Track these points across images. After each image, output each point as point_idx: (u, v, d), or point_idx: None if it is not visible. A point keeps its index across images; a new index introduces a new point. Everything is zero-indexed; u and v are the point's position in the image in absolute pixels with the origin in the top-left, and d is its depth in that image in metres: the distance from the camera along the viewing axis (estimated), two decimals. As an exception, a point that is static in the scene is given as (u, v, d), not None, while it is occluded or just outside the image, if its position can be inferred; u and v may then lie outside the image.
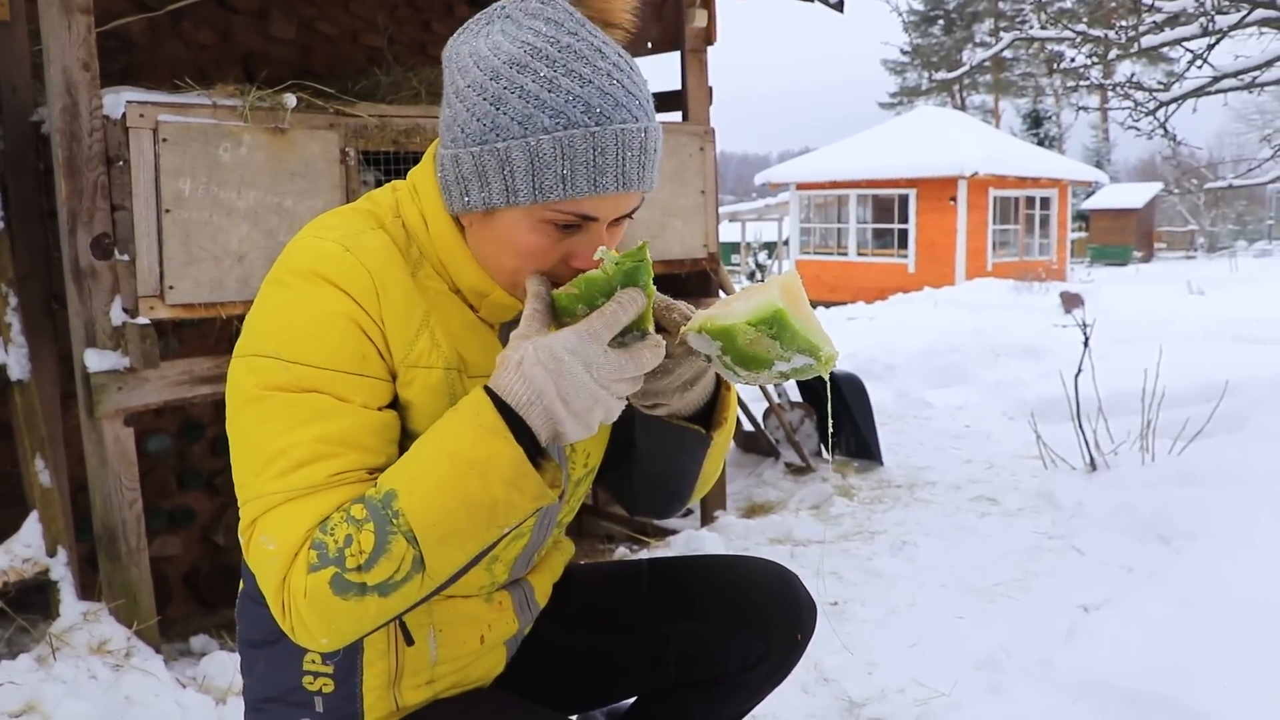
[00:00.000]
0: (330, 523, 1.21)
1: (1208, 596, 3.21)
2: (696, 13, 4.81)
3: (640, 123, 1.28)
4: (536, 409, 1.20)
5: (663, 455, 1.52)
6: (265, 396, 1.26)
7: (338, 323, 1.27)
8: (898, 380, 8.31)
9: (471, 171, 1.28)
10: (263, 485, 1.24)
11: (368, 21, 5.07)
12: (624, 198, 1.30)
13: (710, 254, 4.92)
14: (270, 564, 1.22)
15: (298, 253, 1.32)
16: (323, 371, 1.26)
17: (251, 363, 1.28)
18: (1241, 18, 5.11)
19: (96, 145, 3.07)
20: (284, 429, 1.25)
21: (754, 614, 1.64)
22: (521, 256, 1.31)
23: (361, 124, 3.56)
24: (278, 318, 1.29)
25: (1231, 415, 5.51)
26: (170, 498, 4.46)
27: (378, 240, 1.35)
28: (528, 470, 1.20)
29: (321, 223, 1.39)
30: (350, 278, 1.29)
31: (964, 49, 49.01)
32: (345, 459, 1.25)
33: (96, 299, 3.10)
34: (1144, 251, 33.92)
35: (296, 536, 1.21)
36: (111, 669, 2.91)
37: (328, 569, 1.18)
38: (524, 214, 1.28)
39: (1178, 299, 16.38)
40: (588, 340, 1.20)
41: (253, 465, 1.26)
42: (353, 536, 1.18)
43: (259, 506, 1.24)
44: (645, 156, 1.29)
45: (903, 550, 4.29)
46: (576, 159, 1.23)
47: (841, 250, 23.53)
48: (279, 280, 1.31)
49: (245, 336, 1.31)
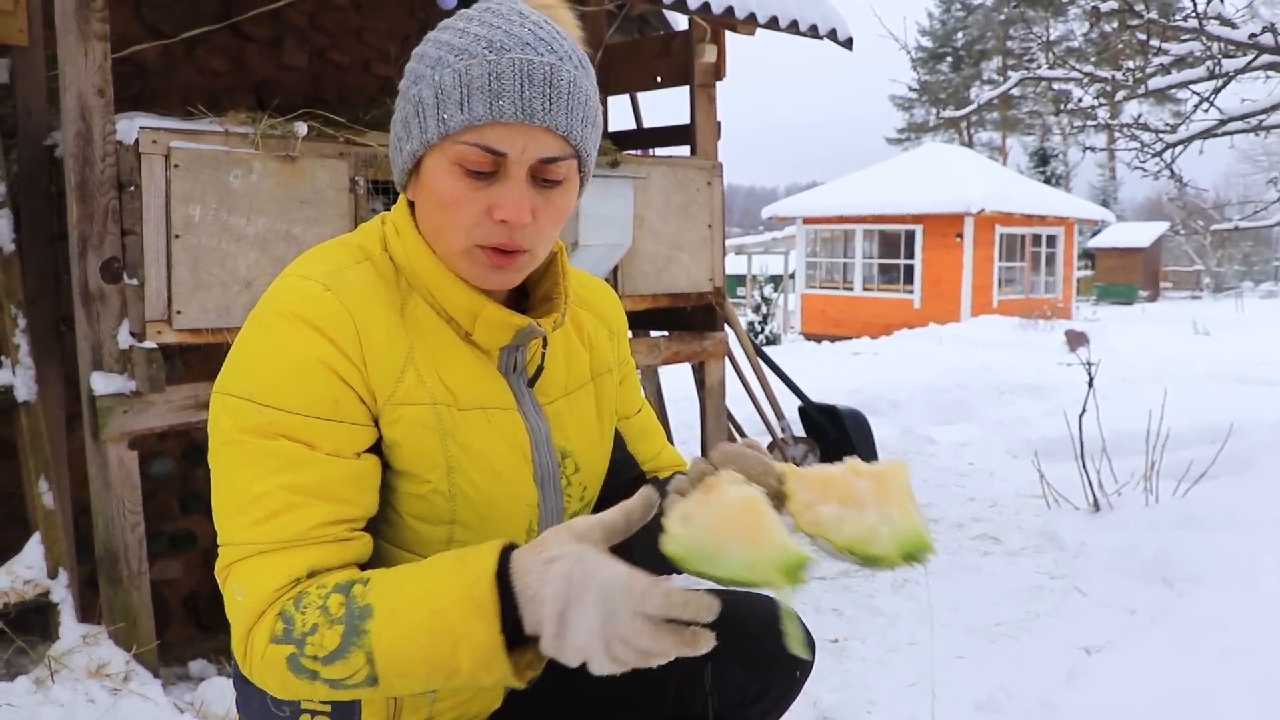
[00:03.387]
0: (306, 600, 1.20)
1: (1211, 640, 3.19)
2: (706, 48, 4.85)
3: (546, 58, 1.28)
4: (533, 610, 1.13)
5: None
6: (240, 440, 1.25)
7: (312, 368, 1.26)
8: (902, 416, 8.30)
9: (401, 127, 1.34)
10: (237, 532, 1.24)
11: (379, 51, 5.12)
12: (532, 134, 1.27)
13: (716, 288, 4.93)
14: (238, 615, 1.23)
15: (279, 293, 1.31)
16: (294, 417, 1.25)
17: (227, 402, 1.27)
18: (1248, 62, 5.14)
19: (109, 170, 3.09)
20: (257, 476, 1.24)
21: (752, 650, 1.62)
22: (444, 209, 1.30)
23: (371, 153, 3.58)
24: (254, 359, 1.28)
25: (1236, 457, 5.50)
26: (172, 521, 4.46)
27: (362, 275, 1.34)
28: (499, 657, 1.15)
29: (307, 259, 1.38)
30: (330, 320, 1.28)
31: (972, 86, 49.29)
32: (318, 510, 1.24)
33: (104, 322, 3.11)
34: (1150, 291, 33.94)
35: (264, 595, 1.21)
36: (110, 693, 2.90)
37: (288, 646, 1.18)
38: (440, 157, 1.29)
39: (1183, 339, 16.37)
40: (629, 597, 1.09)
41: (227, 509, 1.26)
42: (319, 628, 1.17)
43: (233, 554, 1.25)
44: (553, 90, 1.27)
45: (904, 588, 4.27)
46: (473, 85, 1.25)
47: (847, 285, 23.55)
48: (259, 320, 1.30)
49: (225, 372, 1.31)
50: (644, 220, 4.49)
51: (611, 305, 1.66)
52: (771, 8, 4.68)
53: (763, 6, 4.63)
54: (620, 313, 1.68)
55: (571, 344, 1.55)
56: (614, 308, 1.66)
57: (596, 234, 4.20)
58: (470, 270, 1.34)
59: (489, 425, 1.39)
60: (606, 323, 1.63)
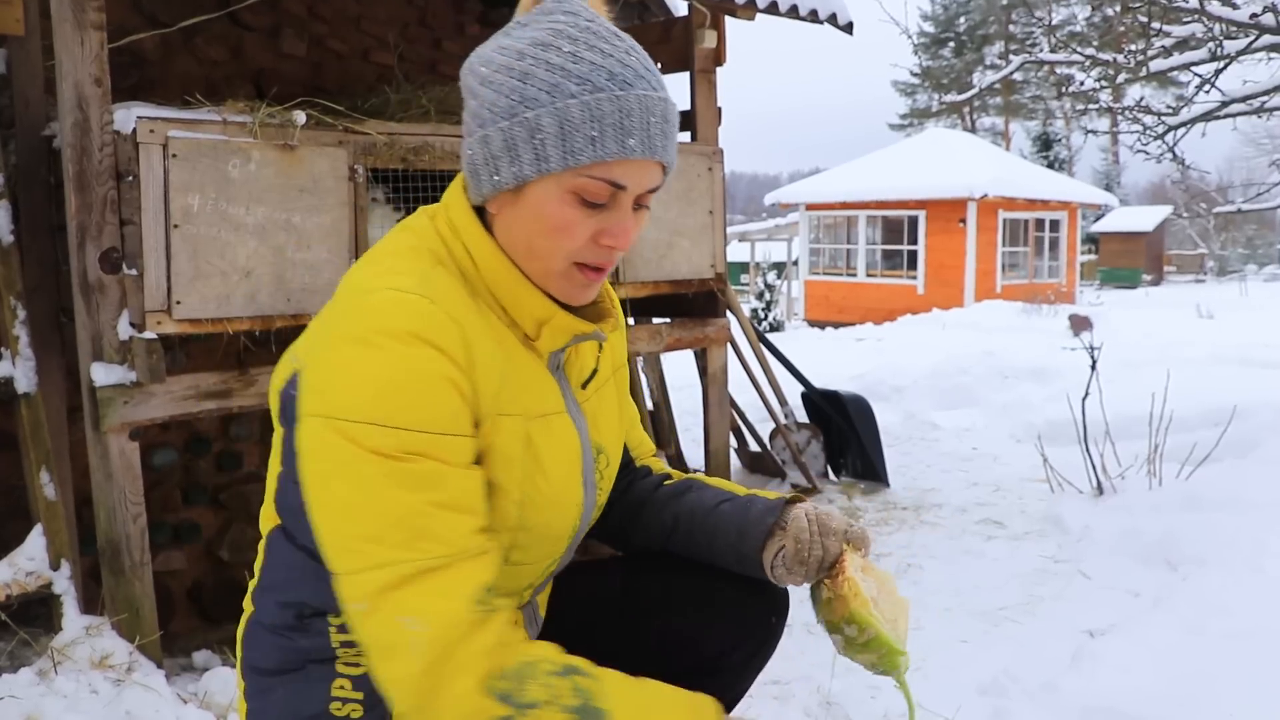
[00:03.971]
0: (534, 670, 1.22)
1: (1215, 623, 3.19)
2: (706, 34, 4.83)
3: (660, 93, 1.33)
4: None
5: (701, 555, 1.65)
6: (370, 461, 1.22)
7: (437, 384, 1.25)
8: (905, 402, 8.29)
9: (502, 147, 1.31)
10: (385, 554, 1.21)
11: (378, 39, 5.10)
12: (649, 168, 1.33)
13: (718, 274, 4.92)
14: (416, 646, 1.19)
15: (382, 309, 1.26)
16: (425, 435, 1.23)
17: (346, 428, 1.23)
18: (1249, 43, 5.11)
19: (107, 160, 3.08)
20: (398, 496, 1.22)
21: (726, 602, 1.66)
22: (552, 233, 1.32)
23: (370, 141, 3.57)
24: (372, 382, 1.24)
25: (1240, 440, 5.48)
26: (175, 512, 4.46)
27: (448, 283, 1.33)
28: None
29: (387, 268, 1.33)
30: (443, 334, 1.26)
31: (974, 71, 49.16)
32: (462, 523, 1.25)
33: (104, 313, 3.11)
34: (1154, 275, 33.89)
35: (454, 619, 1.20)
36: (113, 684, 2.90)
37: (504, 708, 1.19)
38: (554, 185, 1.30)
39: (1187, 323, 16.33)
40: None
41: (364, 533, 1.22)
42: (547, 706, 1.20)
43: (384, 576, 1.20)
44: (667, 126, 1.34)
45: (907, 573, 4.27)
46: (604, 120, 1.27)
47: (850, 271, 23.52)
48: (366, 340, 1.24)
49: (326, 397, 1.25)
50: (644, 207, 4.47)
51: (615, 300, 1.70)
52: (771, -8, 4.66)
53: (762, -9, 4.61)
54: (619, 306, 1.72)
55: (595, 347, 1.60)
56: (617, 302, 1.70)
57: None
58: (563, 287, 1.37)
59: (550, 431, 1.42)
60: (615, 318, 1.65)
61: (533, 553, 1.44)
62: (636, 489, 1.74)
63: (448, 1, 5.46)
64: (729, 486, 1.71)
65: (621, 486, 1.74)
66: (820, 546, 1.52)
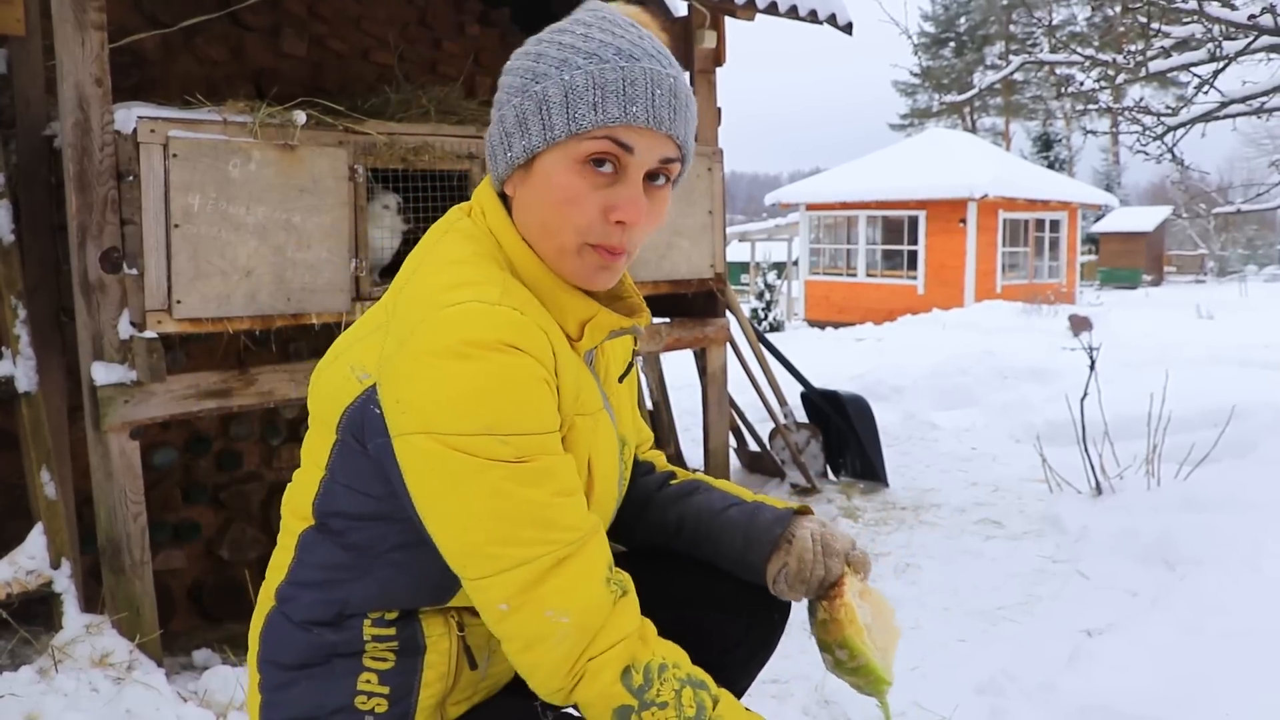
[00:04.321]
0: (664, 673, 1.31)
1: (1212, 623, 3.20)
2: (706, 34, 4.84)
3: (670, 70, 1.35)
4: None
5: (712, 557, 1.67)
6: (489, 468, 1.24)
7: (535, 388, 1.28)
8: (905, 402, 8.30)
9: (515, 123, 1.35)
10: (522, 552, 1.26)
11: (378, 39, 5.11)
12: (657, 139, 1.34)
13: (717, 274, 4.93)
14: (565, 637, 1.27)
15: (470, 321, 1.26)
16: (535, 437, 1.27)
17: (455, 442, 1.24)
18: (1248, 44, 5.12)
19: (107, 160, 3.09)
20: (524, 495, 1.26)
21: (729, 598, 1.67)
22: (561, 205, 1.34)
23: (370, 141, 3.58)
24: (474, 394, 1.24)
25: (1238, 440, 5.49)
26: (175, 511, 4.47)
27: (525, 291, 1.36)
28: None
29: (461, 279, 1.33)
30: (534, 342, 1.28)
31: (975, 71, 49.15)
32: (579, 504, 1.31)
33: (105, 312, 3.12)
34: (1154, 275, 33.88)
35: (596, 606, 1.29)
36: (113, 682, 2.91)
37: (630, 698, 1.28)
38: (560, 154, 1.33)
39: (1186, 323, 16.35)
40: None
41: (499, 535, 1.25)
42: (669, 708, 1.29)
43: (526, 574, 1.26)
44: (676, 101, 1.35)
45: (906, 572, 4.28)
46: (608, 88, 1.30)
47: (851, 271, 23.52)
48: (459, 353, 1.24)
49: (427, 415, 1.25)
50: (644, 207, 4.48)
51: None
52: (771, -7, 4.67)
53: (762, -9, 4.62)
54: None
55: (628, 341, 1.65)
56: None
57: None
58: (578, 269, 1.38)
59: (596, 429, 1.45)
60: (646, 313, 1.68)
61: None
62: (640, 485, 1.75)
63: (448, 1, 5.47)
64: (734, 489, 1.72)
65: None
66: (822, 566, 1.55)
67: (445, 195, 3.83)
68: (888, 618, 1.55)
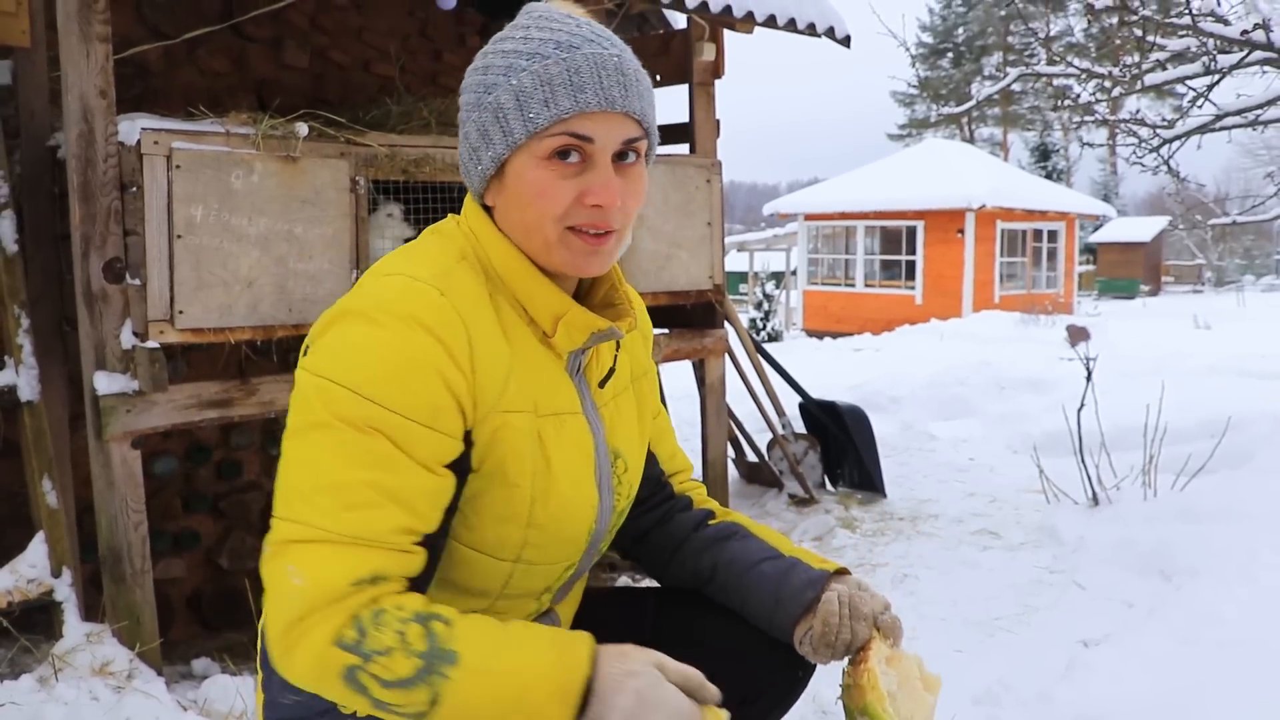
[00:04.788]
0: (384, 619, 1.21)
1: (1208, 633, 3.21)
2: (705, 46, 4.87)
3: (612, 51, 1.37)
4: (603, 710, 1.21)
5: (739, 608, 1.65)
6: (333, 425, 1.26)
7: (423, 371, 1.28)
8: (903, 412, 8.31)
9: (478, 137, 1.39)
10: (308, 513, 1.25)
11: (380, 51, 5.14)
12: (614, 120, 1.36)
13: (716, 286, 4.95)
14: (290, 598, 1.22)
15: (392, 291, 1.32)
16: (395, 416, 1.27)
17: (326, 386, 1.28)
18: (1241, 58, 5.15)
19: (111, 171, 3.11)
20: (343, 465, 1.26)
21: (754, 649, 1.64)
22: (535, 200, 1.36)
23: (372, 153, 3.60)
24: (363, 352, 1.29)
25: (1235, 451, 5.50)
26: (175, 520, 4.48)
27: (467, 277, 1.38)
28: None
29: (411, 258, 1.39)
30: (446, 327, 1.30)
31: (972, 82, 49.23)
32: (395, 514, 1.26)
33: (107, 322, 3.14)
34: (1151, 285, 33.92)
35: (328, 589, 1.22)
36: (113, 691, 2.92)
37: (352, 657, 1.20)
38: (526, 156, 1.36)
39: (1184, 333, 16.37)
40: None
41: (301, 488, 1.27)
42: (393, 651, 1.20)
43: (296, 532, 1.25)
44: (624, 78, 1.36)
45: (904, 583, 4.29)
46: (554, 82, 1.33)
47: (849, 281, 23.56)
48: (369, 317, 1.30)
49: (323, 358, 1.31)
50: (643, 218, 4.51)
51: (642, 310, 1.72)
52: (769, 6, 4.70)
53: (760, 5, 4.65)
54: (647, 317, 1.75)
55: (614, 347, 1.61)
56: (644, 312, 1.73)
57: (596, 232, 4.21)
58: (567, 258, 1.39)
59: (562, 430, 1.44)
60: (639, 327, 1.69)
61: (547, 553, 1.46)
62: (676, 523, 1.73)
63: (448, 14, 5.50)
64: (771, 538, 1.69)
65: (659, 514, 1.73)
66: (849, 630, 1.52)
67: (448, 206, 3.85)
68: (915, 684, 1.51)
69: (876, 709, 1.45)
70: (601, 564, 4.88)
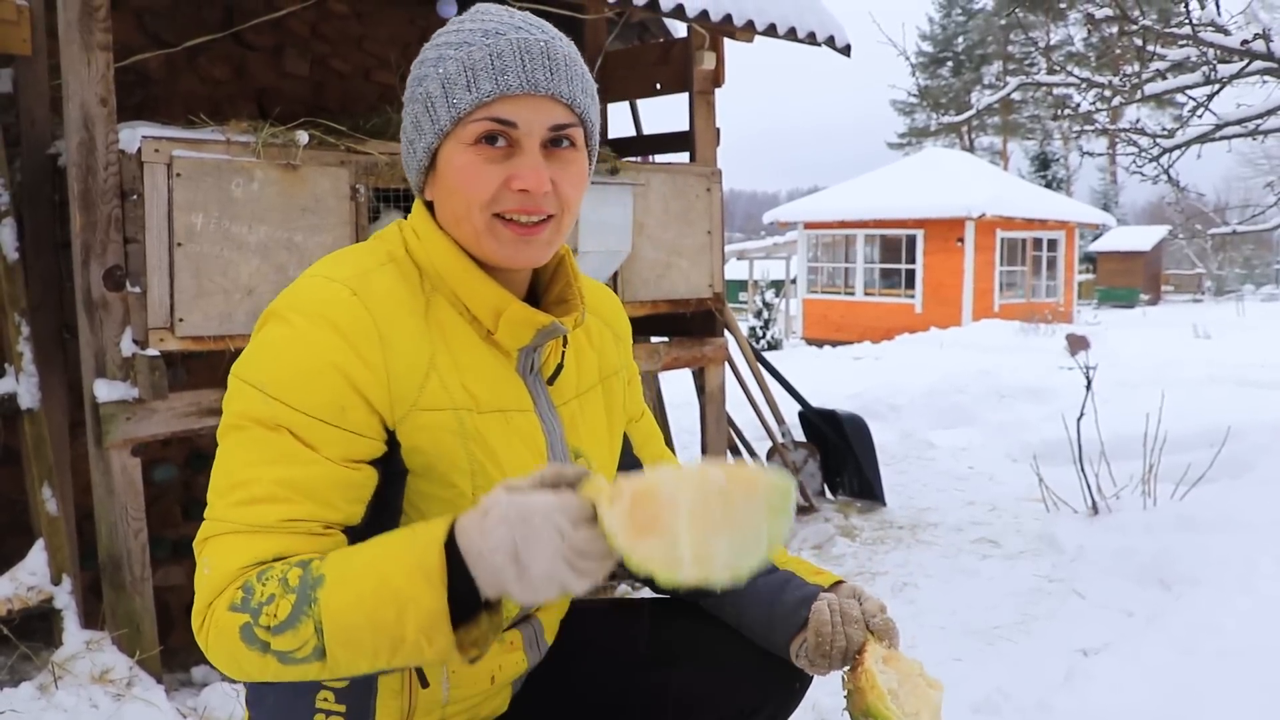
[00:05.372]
0: (269, 573, 1.22)
1: (1208, 642, 3.21)
2: (705, 55, 4.88)
3: (540, 36, 1.36)
4: (485, 564, 1.16)
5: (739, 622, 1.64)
6: (243, 425, 1.29)
7: (326, 372, 1.29)
8: (902, 421, 8.32)
9: (412, 129, 1.39)
10: (220, 510, 1.27)
11: (380, 59, 5.15)
12: (540, 104, 1.34)
13: (716, 294, 4.96)
14: (202, 586, 1.25)
15: (305, 291, 1.34)
16: (299, 415, 1.28)
17: (241, 387, 1.31)
18: (1242, 68, 5.16)
19: (111, 179, 3.12)
20: (250, 462, 1.27)
21: (752, 662, 1.63)
22: (462, 187, 1.35)
23: (372, 161, 3.61)
24: (272, 352, 1.31)
25: (1234, 460, 5.51)
26: (175, 527, 4.48)
27: (387, 278, 1.37)
28: (443, 626, 1.18)
29: (332, 261, 1.40)
30: (354, 325, 1.30)
31: (972, 91, 49.31)
32: (300, 507, 1.27)
33: (107, 330, 3.14)
34: (1151, 294, 33.93)
35: (229, 570, 1.23)
36: (113, 698, 2.92)
37: (243, 615, 1.20)
38: (453, 144, 1.35)
39: (1183, 342, 16.38)
40: (567, 510, 1.14)
41: (218, 486, 1.29)
42: (275, 598, 1.20)
43: (210, 529, 1.28)
44: (551, 62, 1.34)
45: (903, 591, 4.29)
46: (477, 67, 1.32)
47: (849, 290, 23.56)
48: (282, 316, 1.33)
49: (243, 359, 1.34)
50: (643, 226, 4.52)
51: (615, 309, 1.69)
52: (769, 15, 4.71)
53: (761, 14, 4.66)
54: (623, 316, 1.72)
55: (580, 346, 1.58)
56: (617, 311, 1.70)
57: (596, 240, 4.23)
58: (496, 248, 1.37)
59: (508, 427, 1.42)
60: (611, 326, 1.66)
61: None
62: None
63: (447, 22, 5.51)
64: None
65: None
66: (842, 637, 1.50)
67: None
68: (917, 682, 1.49)
69: (878, 707, 1.43)
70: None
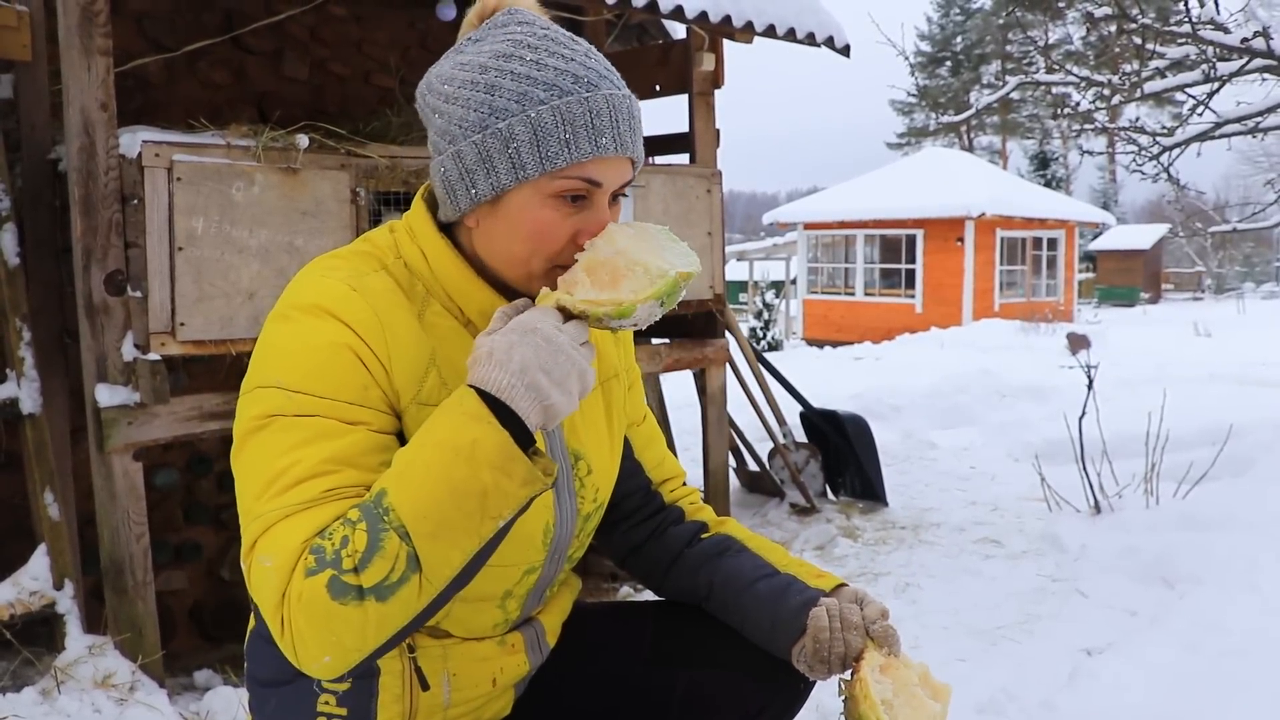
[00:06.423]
0: (329, 529, 1.20)
1: (1211, 641, 3.21)
2: (704, 56, 4.88)
3: (623, 92, 1.37)
4: (519, 390, 1.22)
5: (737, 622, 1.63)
6: (267, 424, 1.27)
7: (341, 354, 1.29)
8: (903, 421, 8.31)
9: (476, 161, 1.33)
10: (261, 507, 1.23)
11: (380, 63, 5.15)
12: (621, 165, 1.36)
13: (716, 295, 4.96)
14: (268, 581, 1.20)
15: (302, 289, 1.35)
16: (325, 401, 1.27)
17: (256, 394, 1.29)
18: (1241, 66, 5.16)
19: (112, 183, 3.12)
20: (285, 450, 1.25)
21: (757, 661, 1.63)
22: (533, 238, 1.34)
23: (372, 164, 3.61)
24: (281, 350, 1.31)
25: (1236, 458, 5.50)
26: (177, 532, 4.48)
27: (381, 282, 1.37)
28: (514, 453, 1.20)
29: (325, 263, 1.40)
30: (356, 316, 1.31)
31: (971, 90, 49.32)
32: (343, 475, 1.25)
33: (108, 334, 3.14)
34: (1151, 293, 33.93)
35: (292, 548, 1.19)
36: (115, 703, 2.92)
37: (325, 572, 1.16)
38: (532, 191, 1.33)
39: (1184, 341, 16.38)
40: (547, 315, 1.26)
41: (253, 490, 1.25)
42: (348, 537, 1.18)
43: (258, 527, 1.23)
44: (633, 123, 1.37)
45: (906, 592, 4.29)
46: (575, 123, 1.30)
47: (849, 290, 23.56)
48: (283, 315, 1.33)
49: (249, 373, 1.33)
50: (644, 228, 4.51)
51: None
52: (769, 16, 4.71)
53: (760, 15, 4.66)
54: None
55: None
56: None
57: (596, 242, 4.22)
58: (537, 287, 1.37)
59: None
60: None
61: (501, 554, 1.40)
62: (670, 537, 1.71)
63: (448, 25, 5.51)
64: (765, 550, 1.67)
65: (651, 527, 1.72)
66: (841, 643, 1.49)
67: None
68: (914, 691, 1.47)
69: (870, 718, 1.42)
70: (602, 574, 4.87)
